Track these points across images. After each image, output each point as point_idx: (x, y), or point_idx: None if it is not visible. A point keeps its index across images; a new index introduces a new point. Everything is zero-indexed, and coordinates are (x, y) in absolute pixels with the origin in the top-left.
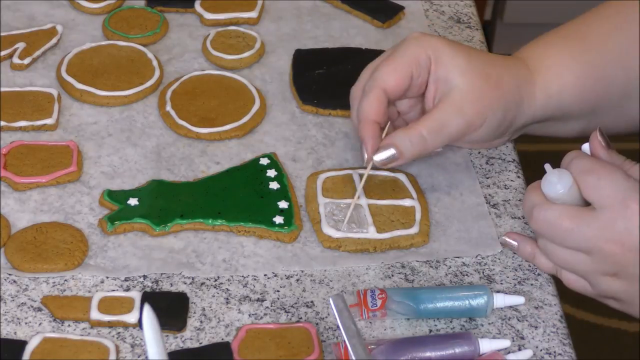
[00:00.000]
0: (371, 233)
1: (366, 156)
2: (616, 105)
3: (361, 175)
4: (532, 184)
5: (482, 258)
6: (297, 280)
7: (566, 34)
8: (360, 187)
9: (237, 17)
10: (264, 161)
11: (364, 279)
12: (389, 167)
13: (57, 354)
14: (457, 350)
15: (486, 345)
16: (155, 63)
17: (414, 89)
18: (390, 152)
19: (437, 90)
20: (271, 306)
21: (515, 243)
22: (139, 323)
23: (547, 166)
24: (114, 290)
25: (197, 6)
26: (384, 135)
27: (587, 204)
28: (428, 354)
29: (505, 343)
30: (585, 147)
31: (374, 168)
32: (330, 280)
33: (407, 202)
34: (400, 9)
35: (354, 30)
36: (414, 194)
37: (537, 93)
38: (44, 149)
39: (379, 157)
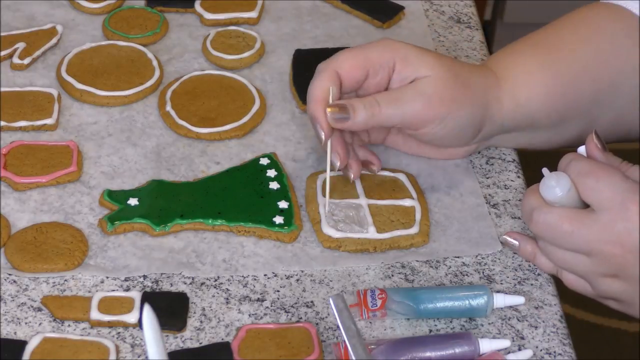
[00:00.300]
0: (371, 233)
1: (323, 135)
2: (585, 114)
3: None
4: (530, 187)
5: (482, 258)
6: (297, 280)
7: (535, 42)
8: (328, 166)
9: (237, 17)
10: (264, 161)
11: (364, 279)
12: (340, 127)
13: (57, 354)
14: (457, 350)
15: (486, 345)
16: (155, 63)
17: (371, 87)
18: (344, 112)
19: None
20: (271, 306)
21: (516, 242)
22: (139, 323)
23: (545, 170)
24: (114, 290)
25: (197, 6)
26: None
27: (586, 205)
28: (428, 354)
29: (505, 343)
30: (582, 149)
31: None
32: (330, 280)
33: (407, 202)
34: (400, 9)
35: (354, 30)
36: (414, 194)
37: (504, 100)
38: (44, 149)
39: (332, 115)
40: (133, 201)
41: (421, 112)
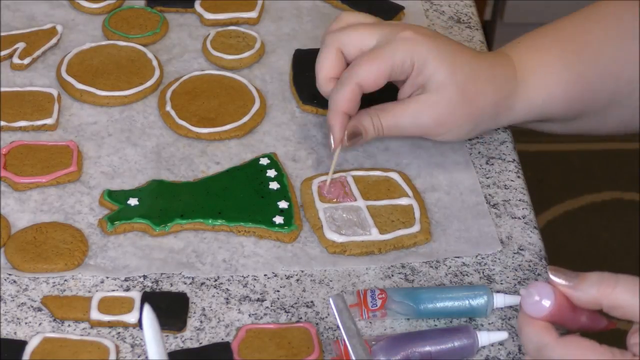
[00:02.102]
0: (374, 235)
1: (333, 145)
2: (601, 111)
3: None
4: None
5: (482, 258)
6: (297, 280)
7: (562, 37)
8: (331, 170)
9: (237, 17)
10: (264, 161)
11: (364, 279)
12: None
13: (57, 354)
14: (457, 343)
15: (485, 338)
16: (155, 63)
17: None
18: (358, 136)
19: (413, 92)
20: (271, 306)
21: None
22: (139, 323)
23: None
24: (114, 290)
25: (197, 6)
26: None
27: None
28: (428, 348)
29: (503, 335)
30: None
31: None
32: (330, 280)
33: (403, 201)
34: (400, 9)
35: None
36: (410, 192)
37: (517, 106)
38: (44, 149)
39: (349, 142)
40: (133, 201)
41: (417, 133)
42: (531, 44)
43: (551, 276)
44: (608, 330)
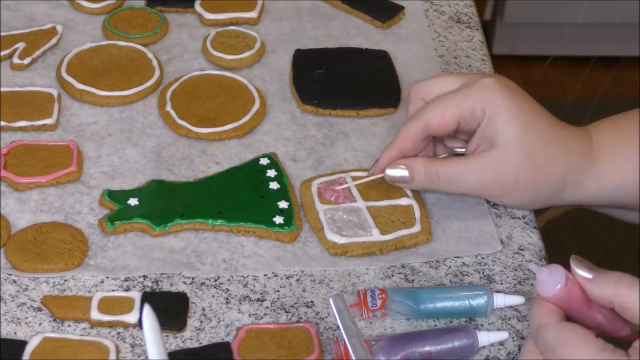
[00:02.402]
0: (375, 235)
1: (374, 168)
2: None
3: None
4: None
5: (482, 258)
6: (297, 280)
7: None
8: (354, 189)
9: (237, 17)
10: (264, 161)
11: (364, 279)
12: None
13: (57, 354)
14: (457, 343)
15: (485, 338)
16: (155, 63)
17: (463, 133)
18: (404, 172)
19: (480, 146)
20: (271, 306)
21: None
22: (139, 323)
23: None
24: (114, 290)
25: (197, 6)
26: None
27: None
28: (427, 348)
29: (503, 335)
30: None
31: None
32: (330, 280)
33: (403, 201)
34: (400, 9)
35: (354, 30)
36: (409, 192)
37: (586, 184)
38: (44, 149)
39: (392, 172)
40: (133, 201)
41: (476, 192)
42: (614, 125)
43: (572, 265)
44: (630, 340)
